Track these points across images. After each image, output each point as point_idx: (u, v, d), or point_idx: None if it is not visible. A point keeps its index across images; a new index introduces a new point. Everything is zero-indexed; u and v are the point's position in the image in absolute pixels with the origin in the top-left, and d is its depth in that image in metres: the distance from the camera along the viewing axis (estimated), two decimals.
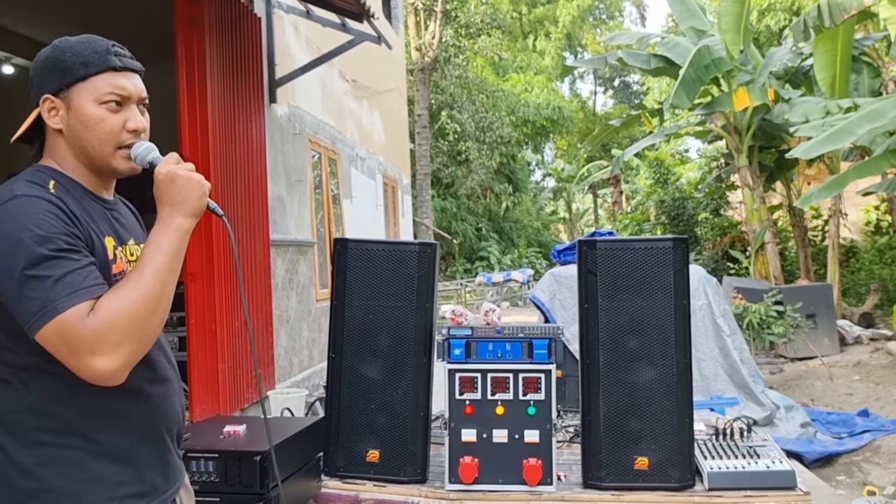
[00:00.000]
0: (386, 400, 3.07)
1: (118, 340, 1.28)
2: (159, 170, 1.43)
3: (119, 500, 1.39)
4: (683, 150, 26.83)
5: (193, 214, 1.42)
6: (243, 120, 5.47)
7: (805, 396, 7.18)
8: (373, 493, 3.05)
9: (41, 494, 1.35)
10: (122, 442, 1.42)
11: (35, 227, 1.30)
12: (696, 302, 5.53)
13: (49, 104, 1.44)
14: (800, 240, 13.10)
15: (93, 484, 1.37)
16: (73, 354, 1.28)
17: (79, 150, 1.45)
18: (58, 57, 1.44)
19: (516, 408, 2.96)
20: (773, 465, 2.93)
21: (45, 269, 1.28)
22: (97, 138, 1.44)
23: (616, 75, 37.71)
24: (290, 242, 6.51)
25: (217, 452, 2.50)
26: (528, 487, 2.93)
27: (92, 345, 1.27)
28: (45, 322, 1.27)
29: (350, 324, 3.13)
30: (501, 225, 26.59)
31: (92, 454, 1.38)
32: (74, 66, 1.43)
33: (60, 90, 1.43)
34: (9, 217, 1.31)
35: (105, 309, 1.29)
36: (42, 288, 1.27)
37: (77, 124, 1.44)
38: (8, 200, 1.33)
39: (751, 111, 11.04)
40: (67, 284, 1.28)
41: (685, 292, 2.99)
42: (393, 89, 12.32)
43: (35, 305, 1.27)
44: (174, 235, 1.39)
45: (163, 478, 1.50)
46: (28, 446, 1.36)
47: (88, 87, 1.43)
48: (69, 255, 1.31)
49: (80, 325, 1.27)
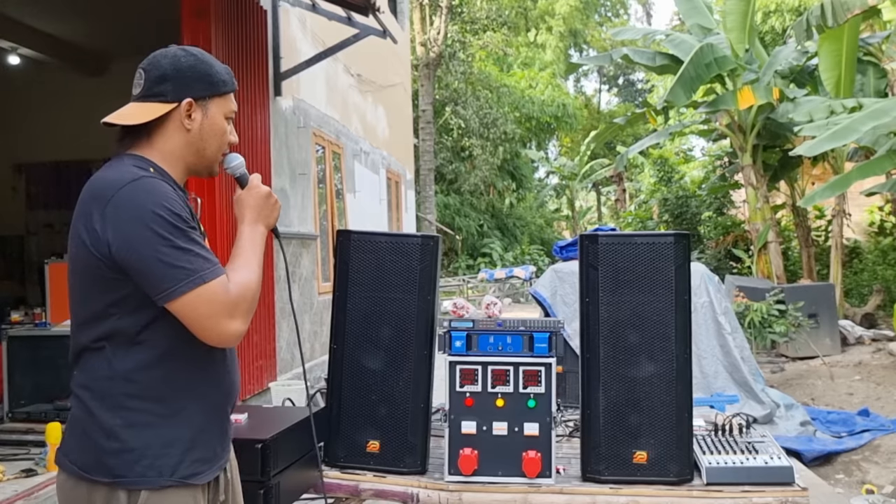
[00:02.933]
0: (387, 391, 3.09)
1: (248, 308, 1.57)
2: (259, 185, 1.73)
3: (189, 464, 1.56)
4: (687, 149, 26.80)
5: (269, 227, 1.73)
6: (248, 112, 5.48)
7: (805, 395, 7.19)
8: (372, 484, 3.06)
9: (123, 454, 1.51)
10: (195, 411, 1.60)
11: (169, 205, 1.50)
12: (697, 299, 5.54)
13: (188, 106, 1.63)
14: (803, 240, 13.09)
15: (167, 448, 1.54)
16: (214, 316, 1.50)
17: (196, 150, 1.67)
18: (206, 70, 1.66)
19: (516, 400, 2.97)
20: (772, 460, 2.94)
21: (184, 243, 1.49)
22: (218, 145, 1.70)
23: (621, 73, 37.66)
24: (293, 235, 6.53)
25: None
26: (527, 480, 2.94)
27: (232, 309, 1.52)
28: (192, 288, 1.48)
29: (352, 315, 3.14)
30: (504, 222, 26.58)
31: (168, 420, 1.56)
32: (219, 83, 1.68)
33: (202, 98, 1.65)
34: (141, 193, 1.50)
35: (239, 282, 1.55)
36: (186, 259, 1.48)
37: (208, 130, 1.67)
38: (135, 180, 1.52)
39: (755, 110, 11.03)
40: (207, 259, 1.52)
41: (686, 288, 3.00)
42: (398, 84, 12.32)
43: (181, 273, 1.47)
44: (262, 239, 1.69)
45: (221, 446, 1.69)
46: (113, 409, 1.52)
47: (223, 103, 1.69)
48: (195, 232, 1.55)
49: (225, 292, 1.51)
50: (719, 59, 10.52)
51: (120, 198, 1.49)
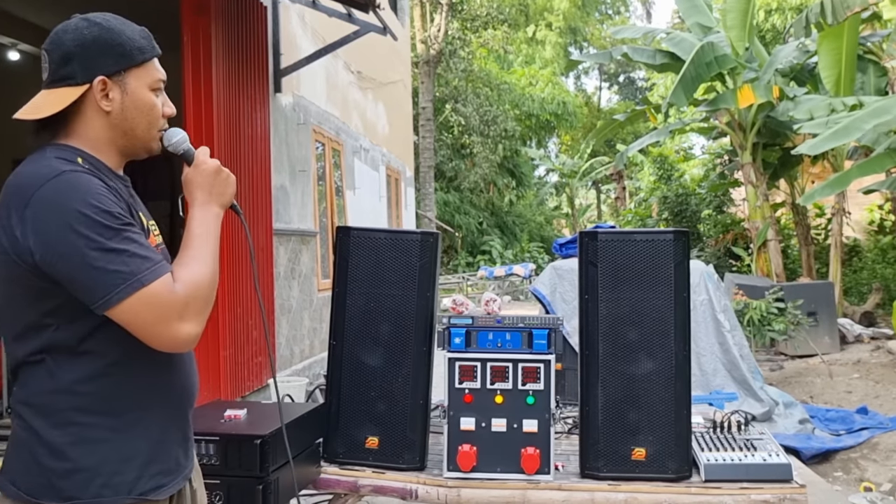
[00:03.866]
0: (386, 388, 3.09)
1: (200, 307, 1.39)
2: (205, 158, 1.53)
3: (149, 478, 1.42)
4: (688, 147, 26.80)
5: (224, 206, 1.53)
6: (248, 109, 5.48)
7: (804, 393, 7.20)
8: (371, 480, 3.07)
9: (73, 475, 1.36)
10: (152, 421, 1.45)
11: (95, 202, 1.32)
12: (697, 297, 5.54)
13: (102, 86, 1.44)
14: (802, 238, 13.09)
15: (124, 463, 1.40)
16: (161, 322, 1.33)
17: (123, 132, 1.47)
18: (115, 40, 1.45)
19: (515, 397, 2.98)
20: (770, 457, 2.94)
21: (117, 243, 1.32)
22: (147, 122, 1.49)
23: (621, 71, 37.64)
24: (293, 232, 6.53)
25: (218, 436, 2.52)
26: (526, 476, 2.95)
27: (181, 311, 1.35)
28: (130, 293, 1.31)
29: (351, 311, 3.15)
30: (504, 219, 26.57)
31: (122, 433, 1.41)
32: (134, 52, 1.46)
33: (117, 73, 1.45)
34: (64, 191, 1.32)
35: (187, 279, 1.37)
36: (121, 261, 1.31)
37: (132, 108, 1.46)
38: (55, 176, 1.34)
39: (756, 108, 11.03)
40: (145, 258, 1.34)
41: (686, 285, 3.00)
42: (398, 81, 12.31)
43: (117, 278, 1.30)
44: (216, 221, 1.49)
45: (184, 455, 1.54)
46: (59, 426, 1.37)
47: (143, 73, 1.47)
48: (131, 229, 1.36)
49: (170, 293, 1.34)
50: (719, 57, 10.51)
51: (40, 197, 1.31)
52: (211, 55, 4.88)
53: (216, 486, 2.50)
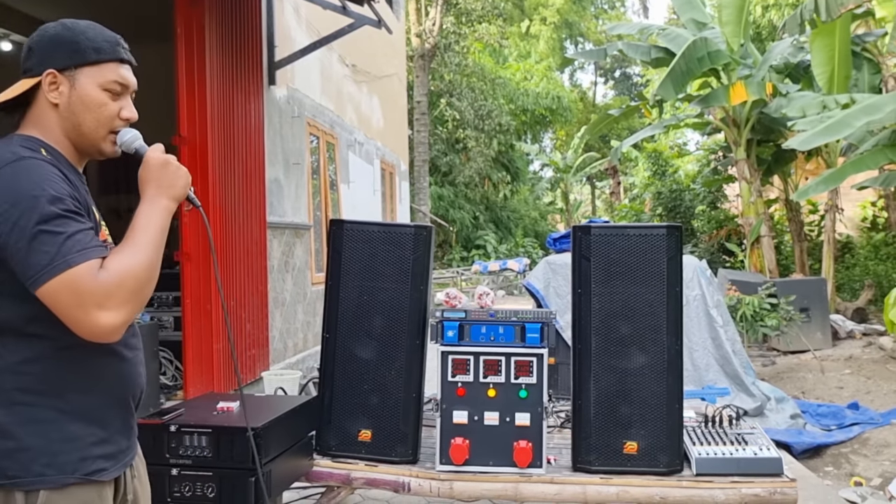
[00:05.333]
0: (379, 381, 3.10)
1: (125, 298, 1.38)
2: (152, 154, 1.55)
3: (92, 460, 1.46)
4: (682, 143, 26.81)
5: (176, 199, 1.54)
6: (242, 101, 5.46)
7: (796, 389, 7.23)
8: (364, 473, 3.08)
9: (17, 454, 1.40)
10: (95, 404, 1.48)
11: (48, 187, 1.38)
12: (690, 292, 5.55)
13: (52, 78, 1.51)
14: (796, 234, 13.14)
15: (68, 444, 1.43)
16: (81, 307, 1.34)
17: (72, 126, 1.53)
18: (71, 38, 1.52)
19: (508, 391, 2.99)
20: (761, 452, 2.96)
21: (56, 226, 1.35)
22: (95, 120, 1.54)
23: (617, 66, 37.61)
24: (287, 225, 6.52)
25: (210, 428, 2.52)
26: (518, 469, 2.96)
27: (101, 298, 1.35)
28: (54, 275, 1.33)
29: (344, 304, 3.15)
30: (499, 214, 26.54)
31: (67, 415, 1.44)
32: (87, 50, 1.53)
33: (67, 68, 1.51)
34: (19, 176, 1.38)
35: (114, 268, 1.38)
36: (54, 243, 1.34)
37: (78, 103, 1.52)
38: (14, 161, 1.40)
39: (750, 104, 11.04)
40: (77, 241, 1.36)
41: (678, 279, 3.02)
42: (392, 75, 12.28)
43: (45, 259, 1.33)
44: (162, 214, 1.50)
45: (126, 441, 1.57)
46: (5, 406, 1.41)
47: (95, 72, 1.53)
48: (77, 216, 1.40)
49: (92, 279, 1.35)
50: (713, 53, 10.51)
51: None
52: (205, 47, 4.86)
53: (208, 479, 2.51)
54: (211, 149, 4.88)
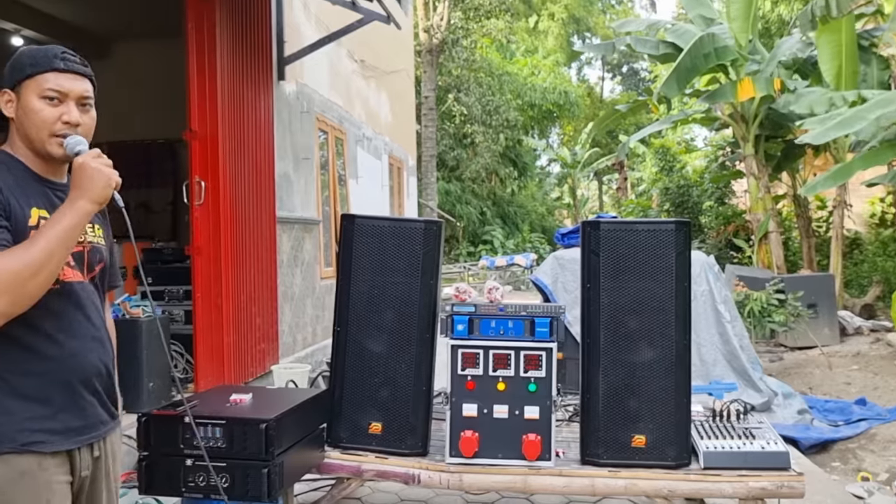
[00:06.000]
0: (389, 374, 3.13)
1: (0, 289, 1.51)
2: (76, 160, 1.67)
3: (29, 433, 1.60)
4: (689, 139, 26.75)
5: (96, 201, 1.63)
6: (252, 96, 5.49)
7: (804, 385, 7.23)
8: (374, 465, 3.11)
9: None
10: (34, 384, 1.63)
11: None
12: (697, 288, 5.56)
13: (6, 97, 1.73)
14: (804, 230, 13.10)
15: (4, 415, 1.58)
16: None
17: (24, 135, 1.72)
18: (17, 59, 1.74)
19: (517, 384, 3.02)
20: (768, 446, 2.98)
21: None
22: (35, 125, 1.70)
23: (625, 62, 37.49)
24: (296, 220, 6.55)
25: (224, 419, 2.56)
26: (527, 462, 2.99)
27: None
28: None
29: (355, 298, 3.18)
30: (506, 209, 26.55)
31: (3, 392, 1.59)
32: (25, 66, 1.71)
33: (15, 85, 1.72)
34: None
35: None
36: None
37: (21, 114, 1.71)
38: None
39: (758, 100, 11.00)
40: None
41: (686, 275, 3.03)
42: (401, 70, 12.29)
43: None
44: (73, 214, 1.61)
45: (79, 420, 1.69)
46: None
47: (33, 84, 1.70)
48: None
49: None
50: (720, 49, 10.46)
51: None
52: (215, 42, 4.89)
53: (222, 469, 2.54)
54: (221, 144, 4.91)
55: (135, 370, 4.26)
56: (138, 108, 7.68)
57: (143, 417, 2.64)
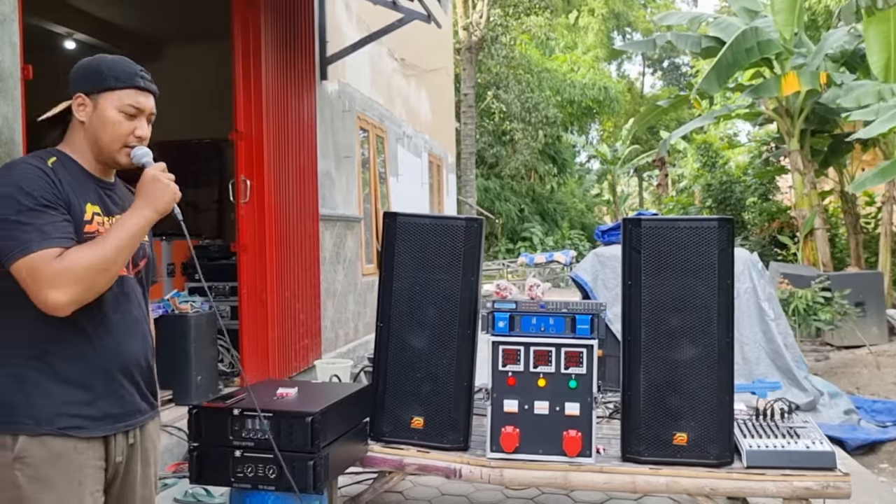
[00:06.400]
0: (431, 369, 3.18)
1: (73, 281, 1.64)
2: (148, 171, 1.81)
3: (67, 417, 1.70)
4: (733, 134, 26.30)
5: (160, 212, 1.79)
6: (295, 96, 5.59)
7: (850, 384, 7.09)
8: (417, 459, 3.16)
9: (4, 406, 1.68)
10: (77, 371, 1.72)
11: (23, 185, 1.67)
12: (740, 285, 5.50)
13: (80, 100, 1.81)
14: (851, 227, 12.81)
15: (45, 400, 1.69)
16: (35, 284, 1.63)
17: (92, 140, 1.82)
18: (96, 67, 1.83)
19: (558, 381, 3.04)
20: (814, 445, 2.95)
21: (27, 218, 1.65)
22: (110, 135, 1.81)
23: (665, 56, 37.01)
24: (338, 218, 6.64)
25: (271, 412, 2.63)
26: (568, 458, 3.01)
27: (51, 280, 1.63)
28: (18, 257, 1.63)
29: (398, 295, 3.24)
30: (545, 206, 26.44)
31: (47, 376, 1.70)
32: (108, 78, 1.81)
33: (91, 92, 1.81)
34: (4, 179, 1.69)
35: (69, 257, 1.65)
36: (21, 231, 1.64)
37: (97, 121, 1.81)
38: (7, 165, 1.75)
39: (804, 94, 10.79)
40: (42, 232, 1.65)
41: (730, 272, 3.02)
42: (440, 68, 12.34)
43: (14, 244, 1.63)
44: (139, 221, 1.75)
45: (117, 408, 1.79)
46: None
47: (113, 97, 1.81)
48: (48, 210, 1.68)
49: (47, 263, 1.63)
50: (763, 43, 10.26)
51: None
52: (260, 45, 4.99)
53: (269, 461, 2.61)
54: (266, 143, 5.01)
55: (183, 364, 4.38)
56: (186, 109, 7.85)
57: (193, 409, 2.73)
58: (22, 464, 1.66)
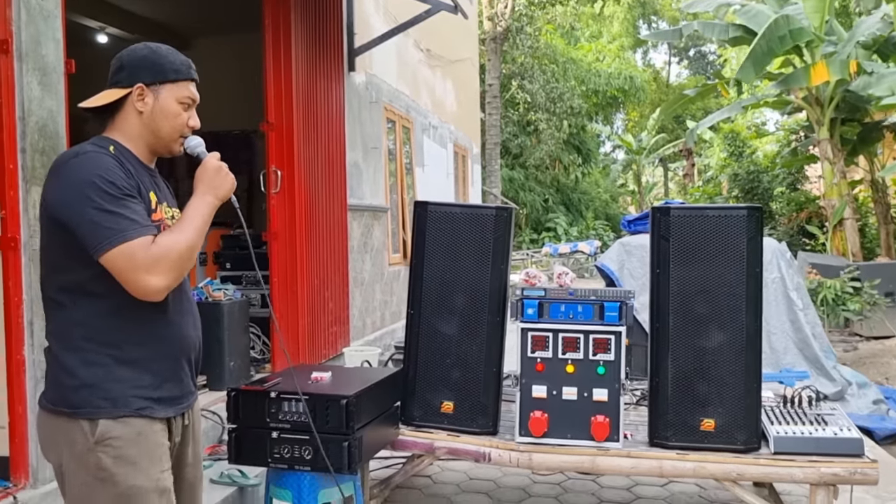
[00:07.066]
0: (461, 355, 3.24)
1: (170, 266, 1.72)
2: (210, 161, 1.89)
3: (139, 399, 1.77)
4: (761, 123, 25.98)
5: (220, 199, 1.88)
6: (324, 88, 5.65)
7: (880, 375, 7.05)
8: (447, 442, 3.23)
9: (80, 390, 1.74)
10: (145, 355, 1.79)
11: (104, 174, 1.71)
12: (769, 275, 5.49)
13: (140, 91, 1.85)
14: (882, 216, 12.65)
15: (118, 383, 1.75)
16: (134, 271, 1.68)
17: (151, 131, 1.87)
18: (157, 60, 1.88)
19: (586, 367, 3.08)
20: (841, 432, 2.97)
21: (114, 207, 1.69)
22: (171, 127, 1.88)
23: (692, 45, 36.60)
24: (366, 208, 6.72)
25: (307, 395, 2.71)
26: (596, 443, 3.06)
27: (150, 266, 1.69)
28: (114, 245, 1.67)
29: (428, 282, 3.30)
30: (569, 196, 26.36)
31: (120, 361, 1.76)
32: (169, 71, 1.88)
33: (153, 83, 1.85)
34: (81, 166, 1.72)
35: (163, 243, 1.72)
36: (114, 220, 1.68)
37: (159, 112, 1.86)
38: (79, 154, 1.76)
39: (834, 82, 10.66)
40: (133, 221, 1.71)
41: (758, 260, 3.04)
42: (466, 59, 12.35)
43: (109, 233, 1.67)
44: (207, 208, 1.84)
45: (178, 390, 1.87)
46: (72, 351, 1.75)
47: (174, 89, 1.88)
48: (130, 199, 1.74)
49: (144, 250, 1.69)
50: (794, 30, 10.15)
51: (66, 168, 1.73)
52: (290, 37, 5.06)
53: (305, 442, 2.70)
54: (296, 134, 5.08)
55: (217, 350, 4.48)
56: (216, 100, 7.93)
57: (232, 392, 2.81)
58: (106, 445, 1.72)
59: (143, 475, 1.74)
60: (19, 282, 2.81)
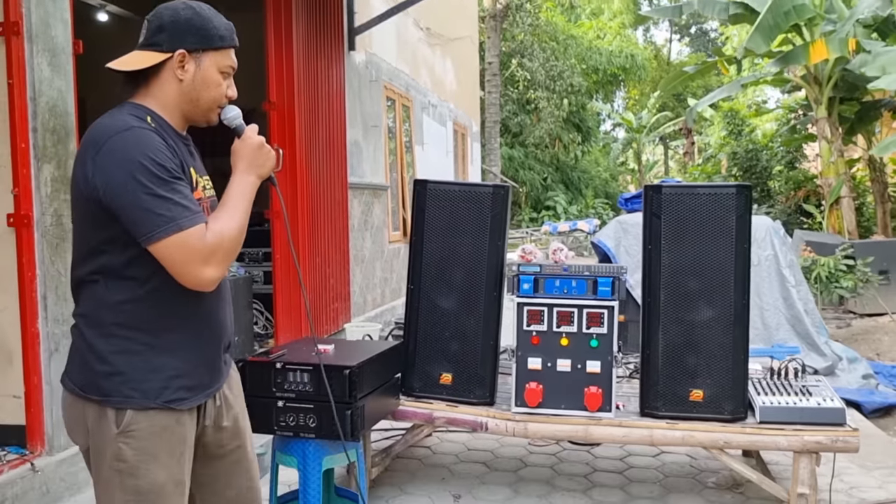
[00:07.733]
0: (459, 329, 3.35)
1: (225, 255, 1.65)
2: (252, 136, 1.78)
3: (174, 390, 1.69)
4: (761, 101, 25.94)
5: (262, 177, 1.78)
6: (325, 67, 5.72)
7: (871, 350, 7.16)
8: (445, 412, 3.35)
9: (112, 377, 1.66)
10: (180, 342, 1.72)
11: (154, 156, 1.59)
12: (762, 252, 5.58)
13: (182, 57, 1.70)
14: (879, 195, 12.72)
15: (151, 373, 1.68)
16: (189, 262, 1.60)
17: (190, 100, 1.73)
18: (202, 24, 1.72)
19: (580, 340, 3.20)
20: (824, 402, 3.09)
21: (165, 192, 1.58)
22: (211, 97, 1.75)
23: (693, 22, 36.41)
24: (366, 186, 6.81)
25: (312, 366, 2.82)
26: (589, 413, 3.18)
27: (207, 256, 1.61)
28: (168, 234, 1.57)
29: (427, 258, 3.40)
30: (569, 175, 26.41)
31: (154, 349, 1.68)
32: (215, 38, 1.73)
33: (196, 50, 1.71)
34: (130, 143, 1.60)
35: (216, 231, 1.63)
36: (167, 207, 1.58)
37: (201, 82, 1.73)
38: (126, 129, 1.61)
39: (833, 61, 10.68)
40: (185, 208, 1.60)
41: (746, 237, 3.14)
42: (465, 37, 12.36)
43: (160, 220, 1.57)
44: (250, 188, 1.75)
45: (209, 376, 1.79)
46: (105, 337, 1.66)
47: (218, 57, 1.75)
48: (180, 182, 1.63)
49: (200, 240, 1.60)
50: (797, 6, 10.16)
51: (110, 146, 1.59)
52: (291, 17, 5.12)
53: (309, 410, 2.81)
54: (298, 114, 5.16)
55: None
56: None
57: (239, 363, 2.91)
58: (128, 437, 1.66)
59: (164, 469, 1.69)
60: (32, 258, 2.91)
